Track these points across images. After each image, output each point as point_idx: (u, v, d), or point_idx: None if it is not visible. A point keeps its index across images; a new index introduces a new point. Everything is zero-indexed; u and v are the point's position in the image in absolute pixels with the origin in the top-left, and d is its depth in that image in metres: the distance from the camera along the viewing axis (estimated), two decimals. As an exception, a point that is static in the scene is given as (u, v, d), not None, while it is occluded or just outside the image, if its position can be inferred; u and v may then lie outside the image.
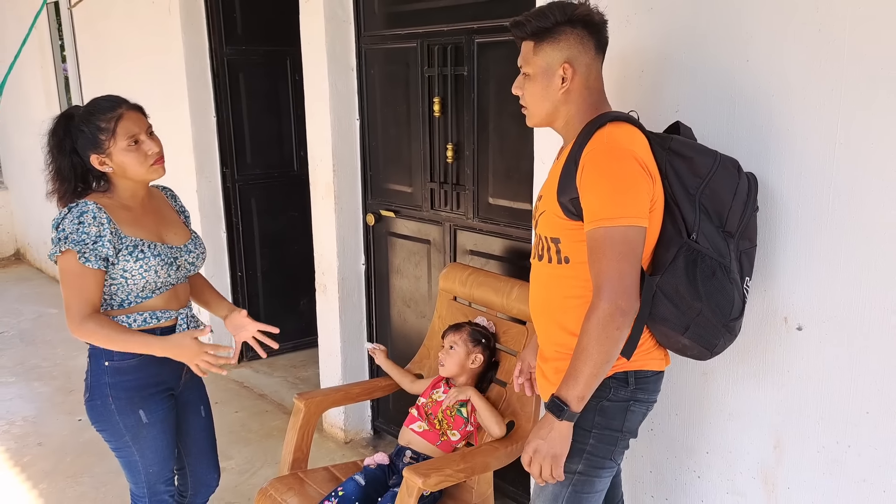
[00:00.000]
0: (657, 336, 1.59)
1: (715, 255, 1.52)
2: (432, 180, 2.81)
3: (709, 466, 1.96)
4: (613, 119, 1.52)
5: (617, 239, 1.43)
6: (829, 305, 1.66)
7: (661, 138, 1.56)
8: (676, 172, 1.53)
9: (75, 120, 1.84)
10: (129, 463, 1.97)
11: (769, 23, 1.66)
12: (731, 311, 1.55)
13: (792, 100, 1.64)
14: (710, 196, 1.53)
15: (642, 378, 1.60)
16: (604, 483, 1.64)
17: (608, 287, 1.44)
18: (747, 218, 1.58)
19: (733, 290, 1.54)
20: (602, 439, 1.59)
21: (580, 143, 1.51)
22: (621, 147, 1.47)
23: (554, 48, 1.53)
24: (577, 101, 1.56)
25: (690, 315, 1.52)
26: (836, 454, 1.71)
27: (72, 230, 1.77)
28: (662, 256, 1.53)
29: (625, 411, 1.60)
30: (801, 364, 1.73)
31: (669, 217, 1.53)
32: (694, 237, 1.51)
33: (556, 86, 1.55)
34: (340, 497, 2.03)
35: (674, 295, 1.51)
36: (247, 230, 4.11)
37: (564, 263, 1.57)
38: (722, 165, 1.55)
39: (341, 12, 2.92)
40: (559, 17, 1.52)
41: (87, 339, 1.84)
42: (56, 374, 4.11)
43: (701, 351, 1.58)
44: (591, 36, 1.54)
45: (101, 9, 4.42)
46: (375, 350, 2.41)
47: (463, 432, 2.17)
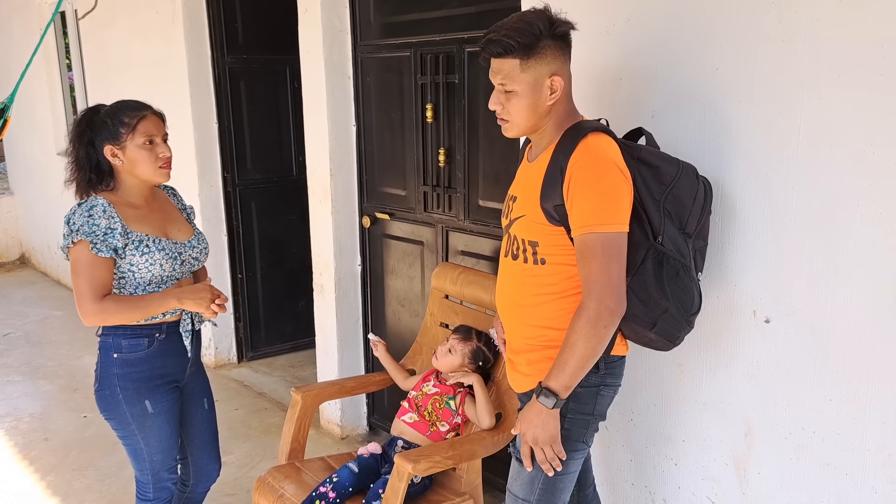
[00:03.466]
0: (625, 332, 1.70)
1: (678, 256, 1.63)
2: (425, 183, 2.92)
3: (685, 454, 2.05)
4: (593, 129, 1.60)
5: (607, 243, 1.52)
6: (795, 299, 1.76)
7: (630, 147, 1.65)
8: (643, 180, 1.62)
9: (100, 114, 1.98)
10: (135, 451, 2.07)
11: (736, 34, 1.76)
12: (693, 307, 1.68)
13: (757, 105, 1.75)
14: (674, 201, 1.64)
15: (610, 363, 1.70)
16: (576, 465, 1.74)
17: (598, 288, 1.53)
18: (704, 220, 1.70)
19: (693, 288, 1.67)
20: (575, 423, 1.69)
21: (564, 153, 1.57)
22: (606, 157, 1.55)
23: (541, 63, 1.56)
24: (558, 110, 1.63)
25: (658, 312, 1.63)
26: (802, 440, 1.80)
27: (83, 223, 1.88)
28: (632, 258, 1.60)
29: (595, 396, 1.69)
30: (769, 355, 1.83)
31: (637, 221, 1.60)
32: (660, 240, 1.61)
33: (545, 98, 1.60)
34: (335, 483, 2.12)
35: (643, 294, 1.61)
36: (247, 233, 4.21)
37: (541, 264, 1.65)
38: (684, 173, 1.65)
39: (338, 23, 3.04)
40: (542, 31, 1.55)
41: (106, 320, 1.93)
42: (61, 373, 4.21)
43: (664, 343, 1.71)
44: (566, 47, 1.62)
45: (107, 18, 4.54)
46: (378, 343, 2.51)
47: (451, 424, 2.26)
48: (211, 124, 4.01)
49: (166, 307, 1.96)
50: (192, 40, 3.88)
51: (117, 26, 4.48)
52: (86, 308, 1.89)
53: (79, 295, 1.90)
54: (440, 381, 2.31)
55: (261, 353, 4.34)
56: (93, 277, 1.89)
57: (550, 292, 1.66)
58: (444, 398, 2.27)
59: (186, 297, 1.96)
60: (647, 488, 2.17)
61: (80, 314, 1.91)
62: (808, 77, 1.66)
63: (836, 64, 1.61)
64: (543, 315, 1.68)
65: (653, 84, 1.95)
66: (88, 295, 1.89)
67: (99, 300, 1.89)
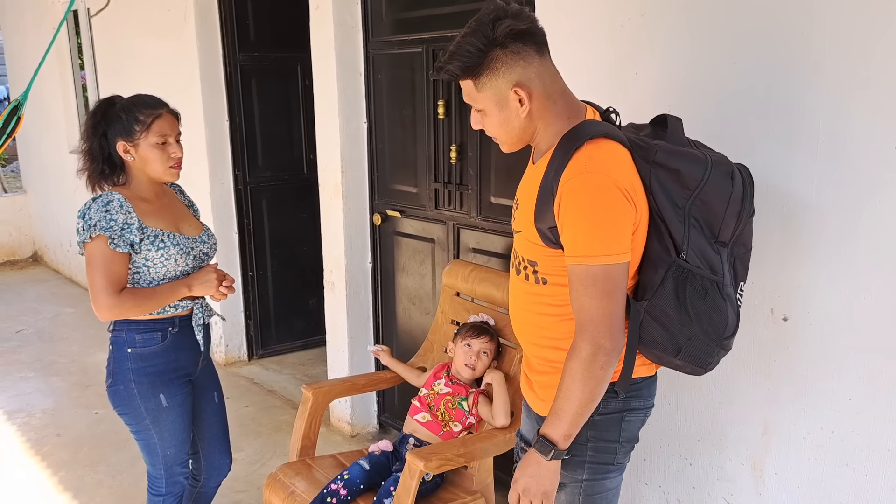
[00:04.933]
0: (648, 357, 1.52)
1: (707, 272, 1.42)
2: (436, 181, 2.91)
3: (700, 454, 2.03)
4: (592, 136, 1.39)
5: (599, 276, 1.36)
6: (813, 296, 1.73)
7: (645, 149, 1.42)
8: (662, 186, 1.40)
9: (115, 107, 1.97)
10: (148, 445, 2.06)
11: (755, 26, 1.74)
12: (726, 330, 1.45)
13: (776, 99, 1.73)
14: (701, 207, 1.42)
15: (633, 386, 1.52)
16: (614, 482, 1.60)
17: (591, 327, 1.37)
18: (742, 224, 1.47)
19: (727, 307, 1.45)
20: (599, 450, 1.54)
21: (557, 166, 1.39)
22: (601, 175, 1.35)
23: (493, 78, 1.39)
24: (544, 115, 1.44)
25: (682, 338, 1.44)
26: (820, 440, 1.78)
27: (99, 217, 1.88)
28: (650, 278, 1.44)
29: (619, 422, 1.53)
30: (787, 353, 1.81)
31: (656, 235, 1.42)
32: (683, 255, 1.41)
33: (515, 112, 1.42)
34: (346, 480, 2.11)
35: (663, 319, 1.44)
36: (257, 231, 4.21)
37: (542, 284, 1.50)
38: (713, 174, 1.42)
39: (350, 19, 3.03)
40: (482, 45, 1.37)
41: (122, 314, 1.93)
42: (73, 369, 4.23)
43: (694, 369, 1.52)
44: (527, 44, 1.39)
45: (120, 17, 4.56)
46: (379, 352, 2.50)
47: (464, 424, 2.25)
48: (222, 122, 4.01)
49: (179, 296, 1.98)
50: (203, 38, 3.88)
51: (129, 24, 4.50)
52: (102, 302, 1.89)
53: (94, 290, 1.90)
54: (451, 379, 2.30)
55: (271, 350, 4.34)
56: (109, 272, 1.89)
57: (554, 313, 1.50)
58: (457, 399, 2.25)
59: (195, 282, 1.98)
60: (661, 488, 2.15)
61: (95, 309, 1.91)
62: (828, 71, 1.63)
63: (856, 58, 1.58)
64: (550, 335, 1.53)
65: (669, 77, 1.93)
66: (105, 290, 1.89)
67: (115, 294, 1.89)
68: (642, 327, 1.46)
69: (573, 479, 1.58)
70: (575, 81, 2.02)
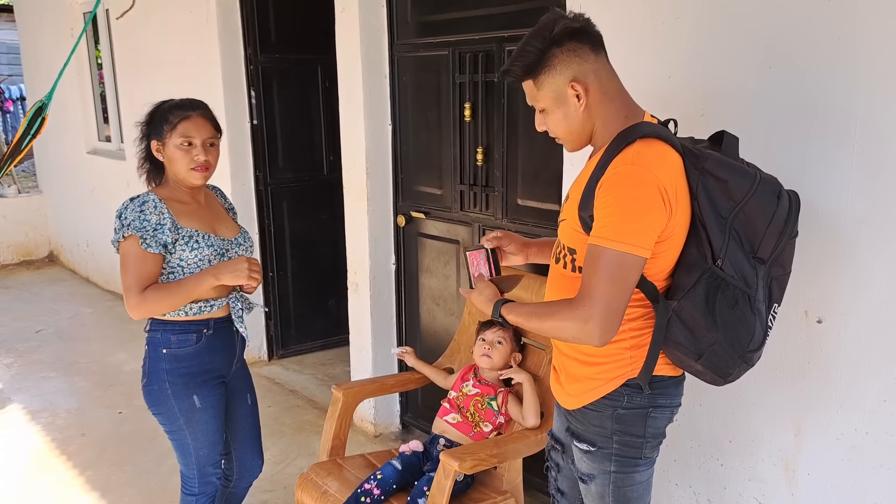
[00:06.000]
0: (671, 358, 1.55)
1: (740, 283, 1.44)
2: (462, 182, 2.92)
3: (731, 454, 2.04)
4: (645, 135, 1.45)
5: (611, 261, 1.39)
6: (848, 299, 1.74)
7: (696, 157, 1.46)
8: (708, 194, 1.44)
9: (160, 109, 2.02)
10: (182, 445, 2.09)
11: (790, 30, 1.75)
12: (750, 343, 1.48)
13: (811, 103, 1.74)
14: (744, 221, 1.44)
15: (659, 383, 1.57)
16: (644, 475, 1.64)
17: (589, 305, 1.40)
18: (783, 244, 1.48)
19: (755, 321, 1.47)
20: (625, 444, 1.59)
21: (607, 158, 1.46)
22: (645, 171, 1.40)
23: (552, 75, 1.48)
24: (601, 111, 1.51)
25: (705, 343, 1.47)
26: (854, 441, 1.79)
27: (133, 218, 1.91)
28: (683, 280, 1.47)
29: (644, 418, 1.57)
30: (821, 355, 1.82)
31: (695, 240, 1.46)
32: (719, 263, 1.44)
33: (573, 107, 1.50)
34: (379, 480, 2.13)
35: (690, 321, 1.47)
36: (278, 232, 4.24)
37: (578, 273, 1.53)
38: (760, 190, 1.45)
39: (375, 22, 3.05)
40: (541, 45, 1.47)
41: (150, 310, 1.94)
42: (94, 369, 4.26)
43: (714, 378, 1.53)
44: (582, 42, 1.48)
45: (141, 18, 4.59)
46: (404, 354, 2.52)
47: (494, 424, 2.26)
48: (244, 123, 4.04)
49: (205, 285, 1.96)
50: (225, 40, 3.91)
51: (150, 26, 4.53)
52: (131, 301, 1.92)
53: (126, 289, 1.93)
54: (479, 380, 2.31)
55: (291, 350, 4.37)
56: (140, 272, 1.92)
57: None
58: (486, 399, 2.27)
59: (223, 271, 1.96)
60: (691, 488, 2.16)
61: (128, 308, 1.94)
62: (862, 74, 1.64)
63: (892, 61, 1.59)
64: None
65: (703, 81, 1.94)
66: (134, 288, 1.91)
67: (142, 290, 1.91)
68: (669, 327, 1.49)
69: (602, 470, 1.63)
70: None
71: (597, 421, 1.61)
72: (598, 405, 1.60)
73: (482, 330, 2.34)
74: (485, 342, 2.30)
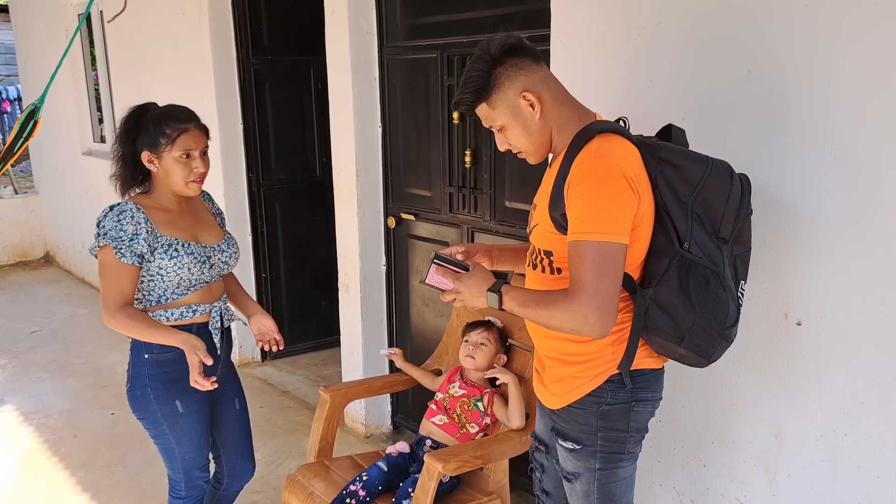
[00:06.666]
0: (653, 346, 1.59)
1: (708, 263, 1.51)
2: (451, 185, 2.94)
3: (714, 455, 2.06)
4: (602, 130, 1.51)
5: (596, 252, 1.42)
6: (827, 301, 1.76)
7: (651, 147, 1.54)
8: (667, 181, 1.51)
9: (147, 116, 1.98)
10: (167, 450, 2.10)
11: (769, 36, 1.76)
12: (727, 319, 1.54)
13: (789, 107, 1.75)
14: (703, 203, 1.52)
15: (640, 377, 1.61)
16: (627, 471, 1.68)
17: (583, 296, 1.42)
18: (741, 222, 1.56)
19: (727, 298, 1.54)
20: (610, 439, 1.63)
21: (569, 157, 1.51)
22: (609, 162, 1.46)
23: (502, 92, 1.54)
24: (556, 116, 1.56)
25: (685, 325, 1.52)
26: (833, 442, 1.80)
27: (111, 227, 1.91)
28: (655, 267, 1.53)
29: (628, 412, 1.61)
30: (800, 357, 1.83)
31: (661, 227, 1.52)
32: (686, 246, 1.50)
33: (530, 117, 1.55)
34: (365, 481, 2.15)
35: (667, 306, 1.52)
36: (271, 234, 4.25)
37: (557, 274, 1.58)
38: (714, 172, 1.53)
39: (365, 24, 3.06)
40: (485, 67, 1.54)
41: (119, 329, 1.97)
42: (88, 370, 4.27)
43: (697, 359, 1.59)
44: (521, 57, 1.55)
45: (134, 20, 4.60)
46: (393, 355, 2.53)
47: (481, 425, 2.28)
48: (236, 125, 4.05)
49: (170, 342, 1.92)
50: (217, 42, 3.92)
51: (143, 28, 4.54)
52: (106, 311, 1.94)
53: (102, 297, 1.95)
54: (466, 381, 2.33)
55: (284, 351, 4.36)
56: (114, 283, 1.93)
57: None
58: (472, 400, 2.29)
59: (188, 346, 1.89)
60: (675, 489, 2.17)
61: (103, 315, 1.96)
62: (839, 80, 1.66)
63: (869, 67, 1.61)
64: None
65: (684, 86, 1.95)
66: (108, 299, 1.93)
67: (117, 308, 1.92)
68: (647, 315, 1.54)
69: (587, 468, 1.66)
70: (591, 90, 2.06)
71: (582, 419, 1.63)
72: (582, 403, 1.62)
73: (467, 331, 2.36)
74: (468, 343, 2.31)
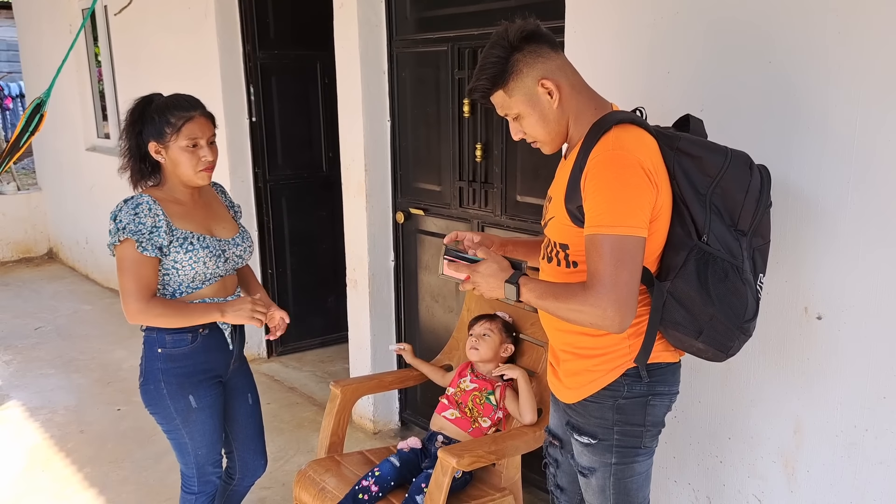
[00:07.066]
0: (670, 340, 1.57)
1: (727, 255, 1.48)
2: (461, 179, 2.91)
3: (730, 451, 2.04)
4: (619, 121, 1.48)
5: (614, 246, 1.40)
6: (848, 295, 1.73)
7: (669, 137, 1.51)
8: (685, 172, 1.48)
9: (151, 107, 1.96)
10: (180, 445, 2.08)
11: (790, 26, 1.74)
12: (745, 313, 1.52)
13: (811, 98, 1.73)
14: (722, 195, 1.49)
15: (657, 370, 1.58)
16: (643, 466, 1.65)
17: (604, 293, 1.40)
18: (760, 214, 1.53)
19: (746, 291, 1.51)
20: (626, 433, 1.60)
21: (586, 149, 1.48)
22: (627, 153, 1.43)
23: (520, 79, 1.51)
24: (573, 105, 1.54)
25: (703, 319, 1.49)
26: (854, 437, 1.78)
27: (128, 221, 1.89)
28: (672, 260, 1.50)
29: (644, 406, 1.59)
30: (820, 352, 1.81)
31: (678, 219, 1.49)
32: (704, 239, 1.47)
33: (548, 105, 1.52)
34: (377, 477, 2.13)
35: (685, 300, 1.49)
36: (277, 229, 4.23)
37: (573, 267, 1.56)
38: (733, 163, 1.50)
39: (374, 17, 3.03)
40: (503, 54, 1.50)
41: (150, 322, 1.95)
42: (93, 366, 4.25)
43: (716, 353, 1.56)
44: (540, 43, 1.51)
45: (139, 15, 4.58)
46: (402, 350, 2.51)
47: (493, 419, 2.26)
48: (242, 120, 4.03)
49: (209, 319, 1.98)
50: (224, 36, 3.90)
51: (149, 22, 4.51)
52: (130, 307, 1.91)
53: (124, 293, 1.91)
54: (477, 375, 2.31)
55: (290, 347, 4.36)
56: (139, 276, 1.90)
57: None
58: (484, 394, 2.27)
59: (229, 310, 1.97)
60: (690, 485, 2.15)
61: (125, 312, 1.93)
62: (864, 70, 1.63)
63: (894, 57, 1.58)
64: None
65: (702, 76, 1.93)
66: (134, 294, 1.90)
67: (144, 300, 1.90)
68: (665, 308, 1.51)
69: (603, 463, 1.64)
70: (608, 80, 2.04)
71: (598, 413, 1.61)
72: (598, 397, 1.60)
73: (472, 325, 2.34)
74: (472, 336, 2.30)
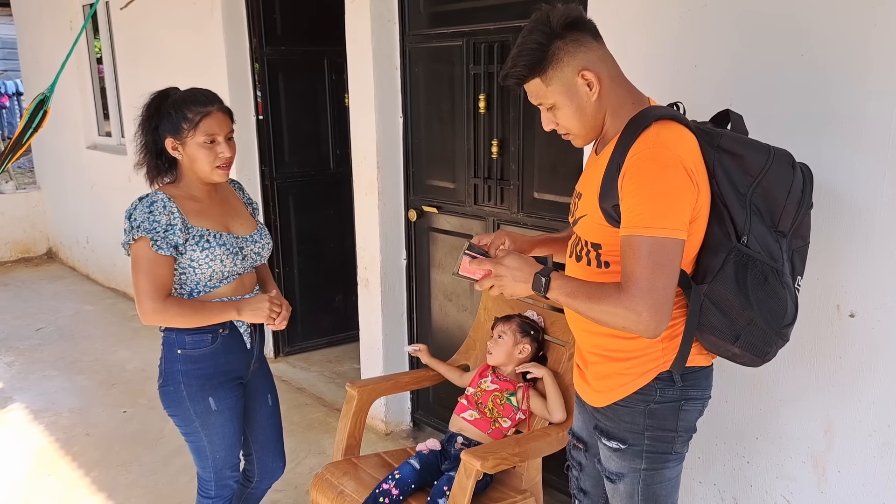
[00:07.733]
0: (705, 345, 1.52)
1: (767, 258, 1.43)
2: (476, 175, 2.87)
3: (758, 452, 2.00)
4: (660, 117, 1.43)
5: (652, 248, 1.35)
6: (882, 293, 1.70)
7: (710, 135, 1.45)
8: (726, 171, 1.43)
9: (168, 101, 1.91)
10: (198, 448, 2.03)
11: (823, 17, 1.70)
12: (785, 318, 1.46)
13: (846, 93, 1.69)
14: (763, 195, 1.43)
15: (690, 375, 1.53)
16: (674, 472, 1.62)
17: (640, 297, 1.35)
18: (801, 216, 1.48)
19: (786, 295, 1.46)
20: (657, 439, 1.56)
21: (624, 146, 1.42)
22: (667, 152, 1.37)
23: (560, 68, 1.44)
24: (612, 99, 1.48)
25: (741, 324, 1.44)
26: (887, 437, 1.75)
27: (143, 219, 1.84)
28: (710, 262, 1.44)
29: (676, 411, 1.54)
30: (853, 350, 1.77)
31: (717, 219, 1.44)
32: (744, 241, 1.42)
33: (586, 98, 1.46)
34: (398, 480, 2.09)
35: (723, 304, 1.44)
36: (284, 228, 4.17)
37: (604, 268, 1.51)
38: (775, 162, 1.44)
39: (386, 12, 2.99)
40: (543, 40, 1.43)
41: (166, 322, 1.90)
42: (97, 368, 4.20)
43: (752, 359, 1.51)
44: (582, 32, 1.45)
45: (142, 10, 4.52)
46: (418, 351, 2.47)
47: (513, 420, 2.22)
48: (249, 117, 3.98)
49: (226, 318, 1.94)
50: (230, 32, 3.85)
51: (152, 18, 4.46)
52: (145, 306, 1.86)
53: (139, 292, 1.87)
54: (498, 376, 2.27)
55: (297, 347, 4.31)
56: (154, 275, 1.86)
57: None
58: (505, 394, 2.23)
59: (246, 308, 1.93)
60: (715, 486, 2.12)
61: (139, 312, 1.88)
62: (902, 62, 1.60)
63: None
64: None
65: (730, 70, 1.89)
66: (149, 293, 1.85)
67: (160, 299, 1.86)
68: (702, 313, 1.46)
69: (632, 468, 1.59)
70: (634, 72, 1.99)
71: (628, 417, 1.57)
72: (629, 401, 1.56)
73: (492, 327, 2.31)
74: (490, 339, 2.27)
